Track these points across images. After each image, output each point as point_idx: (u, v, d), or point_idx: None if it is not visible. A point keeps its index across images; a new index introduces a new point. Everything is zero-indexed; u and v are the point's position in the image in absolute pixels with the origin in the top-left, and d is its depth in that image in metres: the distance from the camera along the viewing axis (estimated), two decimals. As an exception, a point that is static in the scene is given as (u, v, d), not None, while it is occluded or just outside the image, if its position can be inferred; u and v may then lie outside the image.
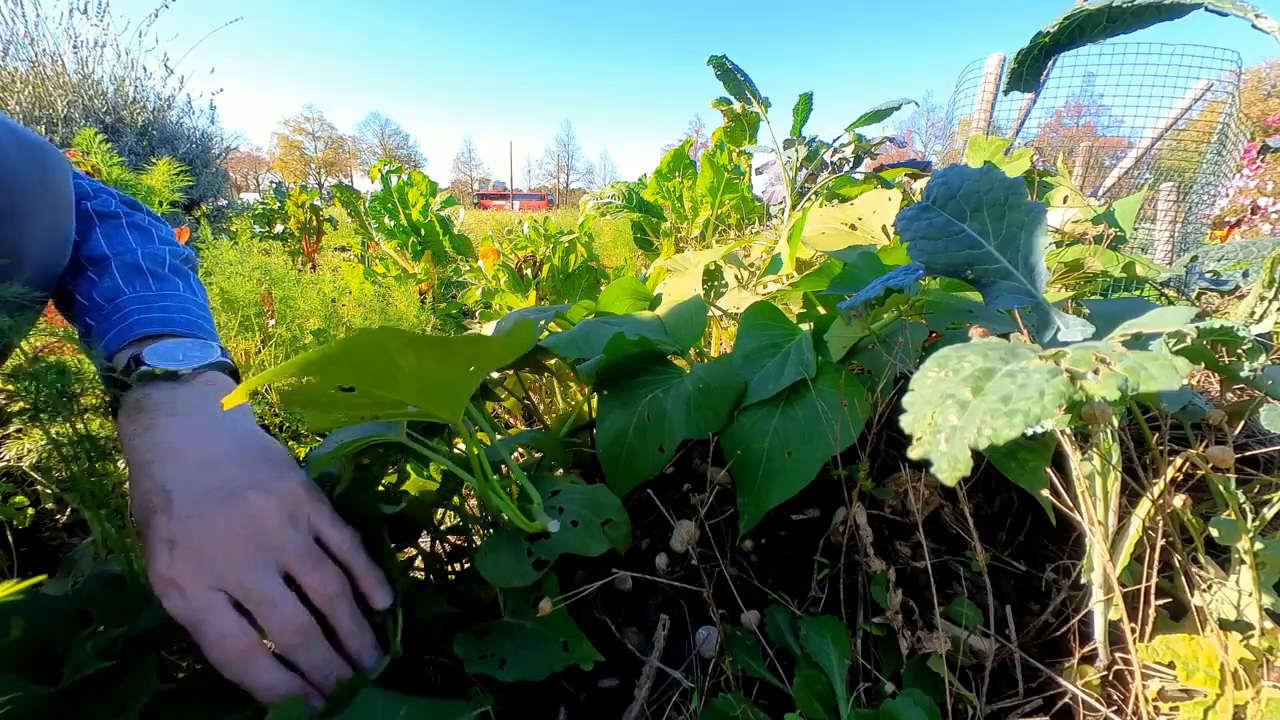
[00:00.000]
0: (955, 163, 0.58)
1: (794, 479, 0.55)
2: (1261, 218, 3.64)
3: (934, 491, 0.63)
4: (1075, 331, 0.32)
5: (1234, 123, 1.76)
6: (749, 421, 0.60)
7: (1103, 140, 2.51)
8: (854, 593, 0.58)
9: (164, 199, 1.67)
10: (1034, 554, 0.64)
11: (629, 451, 0.60)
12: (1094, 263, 0.99)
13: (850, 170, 1.70)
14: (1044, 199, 1.29)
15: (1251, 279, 1.01)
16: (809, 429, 0.56)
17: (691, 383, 0.62)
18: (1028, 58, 0.75)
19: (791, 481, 0.55)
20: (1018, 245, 0.36)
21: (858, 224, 1.02)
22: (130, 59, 4.22)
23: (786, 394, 0.60)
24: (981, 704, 0.46)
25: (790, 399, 0.59)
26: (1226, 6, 0.59)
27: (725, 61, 1.46)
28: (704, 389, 0.61)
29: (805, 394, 0.58)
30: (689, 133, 48.12)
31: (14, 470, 0.81)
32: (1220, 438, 0.57)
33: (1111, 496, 0.46)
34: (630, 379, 0.65)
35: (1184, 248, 1.73)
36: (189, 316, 0.61)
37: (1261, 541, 0.42)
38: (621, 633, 0.56)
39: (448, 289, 2.14)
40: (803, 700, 0.47)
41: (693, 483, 0.70)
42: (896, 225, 0.43)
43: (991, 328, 0.40)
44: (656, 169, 2.60)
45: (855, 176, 1.57)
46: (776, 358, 0.63)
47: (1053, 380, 0.23)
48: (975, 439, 0.22)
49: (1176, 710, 0.43)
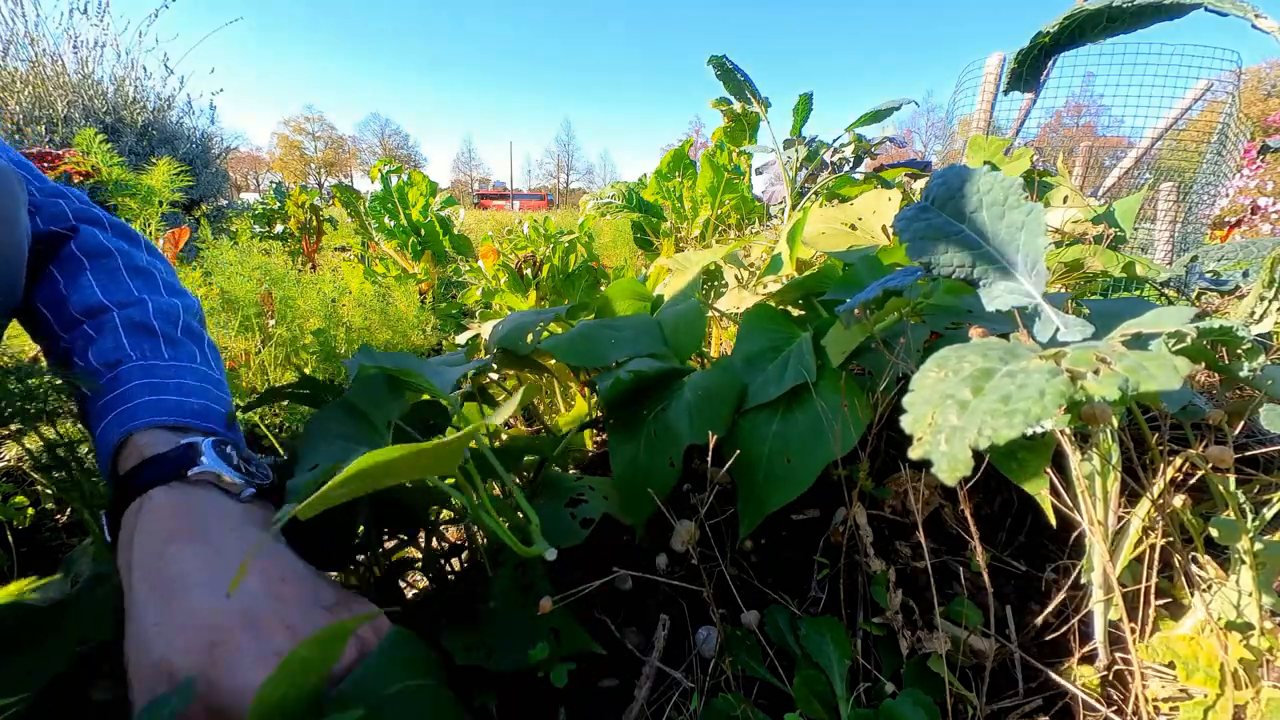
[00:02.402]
0: (954, 163, 0.58)
1: (794, 484, 0.55)
2: (1261, 218, 3.64)
3: (934, 491, 0.63)
4: (1075, 331, 0.32)
5: (1234, 123, 1.76)
6: (749, 426, 0.60)
7: (1103, 140, 2.51)
8: (854, 593, 0.58)
9: (164, 199, 1.67)
10: (1034, 554, 0.64)
11: (642, 473, 0.60)
12: (1094, 263, 0.99)
13: (850, 170, 1.70)
14: (1044, 199, 1.29)
15: (1251, 279, 1.01)
16: (809, 433, 0.56)
17: (691, 390, 0.62)
18: (1028, 58, 0.75)
19: (791, 487, 0.55)
20: (1017, 245, 0.36)
21: (858, 224, 1.02)
22: (130, 59, 4.22)
23: (787, 398, 0.60)
24: (981, 704, 0.46)
25: (791, 403, 0.59)
26: (1226, 6, 0.59)
27: (725, 61, 1.46)
28: (704, 395, 0.61)
29: (806, 398, 0.58)
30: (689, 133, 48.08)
31: (14, 470, 0.82)
32: (1220, 438, 0.57)
33: (1111, 496, 0.46)
34: (634, 401, 0.65)
35: (1184, 248, 1.73)
36: (205, 402, 0.49)
37: (1261, 542, 0.42)
38: (621, 633, 0.56)
39: (448, 289, 2.14)
40: (803, 700, 0.47)
41: (693, 483, 0.70)
42: (895, 226, 0.43)
43: (991, 328, 0.40)
44: (656, 169, 2.60)
45: (855, 176, 1.57)
46: (777, 361, 0.63)
47: (1053, 380, 0.23)
48: (975, 439, 0.22)
49: (1176, 710, 0.43)
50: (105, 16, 4.20)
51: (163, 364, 0.49)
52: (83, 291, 0.52)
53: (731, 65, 1.47)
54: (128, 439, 0.44)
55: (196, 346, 0.54)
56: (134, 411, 0.45)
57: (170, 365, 0.50)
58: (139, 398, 0.46)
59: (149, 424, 0.45)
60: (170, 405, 0.47)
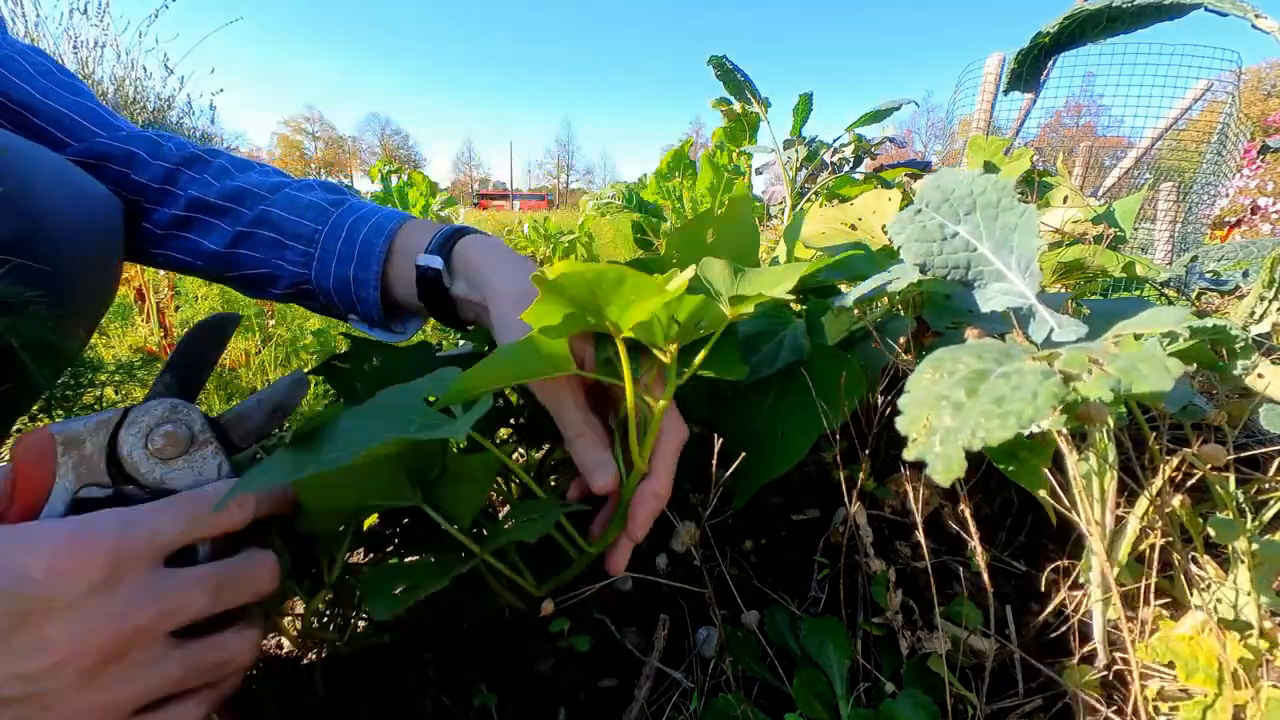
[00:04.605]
0: (949, 165, 0.58)
1: (787, 457, 0.56)
2: (1261, 218, 3.64)
3: (934, 492, 0.63)
4: (1069, 332, 0.32)
5: (1234, 123, 1.76)
6: (745, 402, 0.62)
7: (1103, 140, 2.51)
8: (854, 593, 0.58)
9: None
10: (1034, 554, 0.64)
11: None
12: (1094, 263, 0.99)
13: (850, 170, 1.70)
14: (1044, 199, 1.29)
15: (1251, 279, 1.01)
16: (803, 408, 0.57)
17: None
18: (1028, 58, 0.75)
19: (784, 459, 0.56)
20: (1011, 247, 0.36)
21: (858, 224, 1.02)
22: (130, 59, 4.22)
23: (782, 376, 0.61)
24: (981, 704, 0.47)
25: (786, 381, 0.61)
26: (1226, 6, 0.59)
27: (725, 62, 1.46)
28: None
29: (800, 376, 0.59)
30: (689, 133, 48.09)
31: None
32: (1220, 438, 0.57)
33: (1108, 496, 0.46)
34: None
35: (1184, 248, 1.73)
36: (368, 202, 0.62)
37: (1259, 542, 0.42)
38: (621, 633, 0.56)
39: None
40: (803, 700, 0.47)
41: (693, 483, 0.70)
42: (890, 229, 0.43)
43: (988, 328, 0.40)
44: (656, 169, 2.60)
45: (855, 176, 1.57)
46: (773, 343, 0.64)
47: (1046, 381, 0.23)
48: (970, 440, 0.22)
49: (1176, 710, 0.43)
50: (105, 16, 4.21)
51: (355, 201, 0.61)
52: (227, 180, 0.61)
53: (731, 65, 1.47)
54: (393, 242, 0.57)
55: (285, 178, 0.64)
56: (381, 221, 0.58)
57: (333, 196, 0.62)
58: (371, 216, 0.59)
59: (402, 223, 0.59)
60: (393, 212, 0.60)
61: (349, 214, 0.59)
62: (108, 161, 0.58)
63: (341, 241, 0.57)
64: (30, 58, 0.57)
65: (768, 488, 0.71)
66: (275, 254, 0.59)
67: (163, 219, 0.59)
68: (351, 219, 0.58)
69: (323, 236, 0.58)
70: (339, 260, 0.57)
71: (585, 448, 0.44)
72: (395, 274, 0.58)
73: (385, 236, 0.57)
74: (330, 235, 0.58)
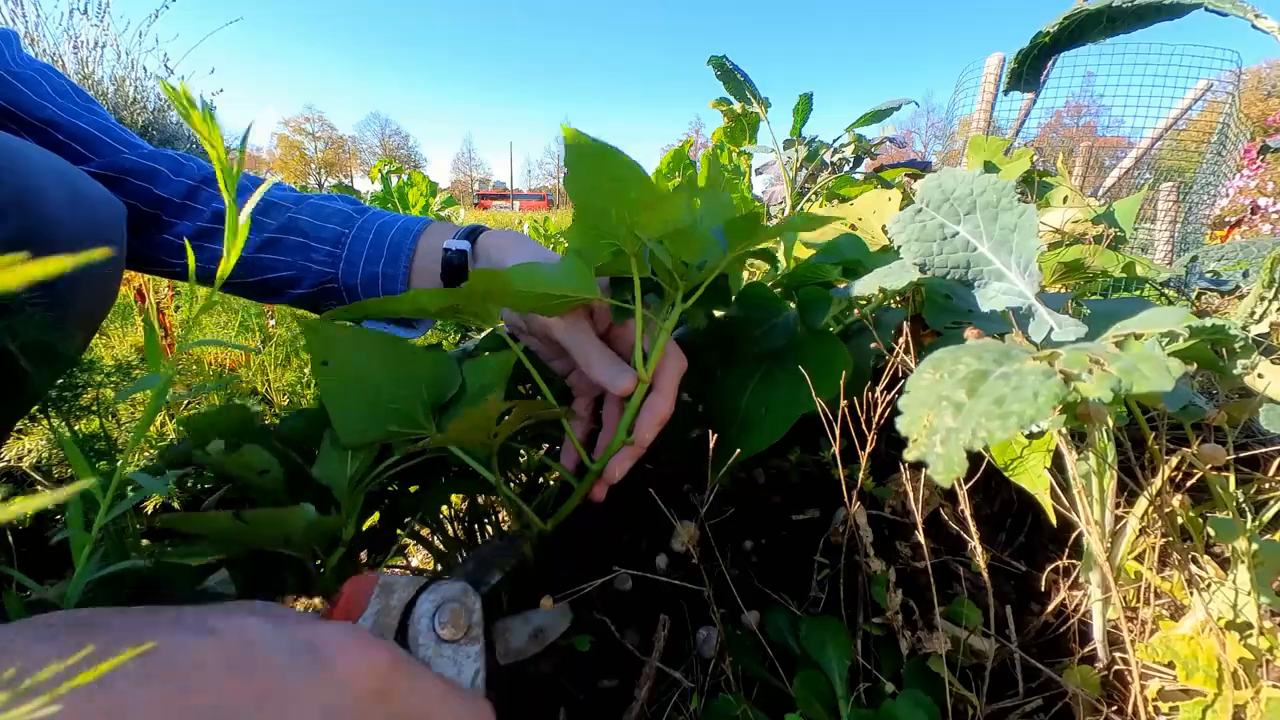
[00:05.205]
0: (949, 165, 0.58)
1: (768, 433, 0.57)
2: (1261, 218, 3.64)
3: (934, 492, 0.63)
4: (1069, 332, 0.32)
5: (1234, 123, 1.76)
6: (731, 382, 0.63)
7: (1103, 140, 2.51)
8: (854, 593, 0.58)
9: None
10: (1034, 554, 0.64)
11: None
12: (1094, 263, 0.99)
13: (850, 170, 1.70)
14: (1044, 199, 1.29)
15: (1251, 279, 1.01)
16: (787, 387, 0.58)
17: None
18: (1028, 58, 0.75)
19: (765, 435, 0.57)
20: (1011, 247, 0.36)
21: (858, 224, 1.02)
22: (130, 59, 4.22)
23: (769, 359, 0.62)
24: (981, 704, 0.47)
25: (773, 363, 0.62)
26: (1226, 6, 0.59)
27: (725, 62, 1.46)
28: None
29: (787, 358, 0.60)
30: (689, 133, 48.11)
31: (14, 470, 0.82)
32: (1220, 438, 0.57)
33: (1108, 496, 0.46)
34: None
35: (1184, 248, 1.73)
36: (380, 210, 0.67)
37: (1258, 541, 0.42)
38: (621, 633, 0.56)
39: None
40: (803, 700, 0.47)
41: (693, 483, 0.70)
42: (890, 229, 0.43)
43: (988, 328, 0.40)
44: (656, 169, 2.60)
45: (855, 176, 1.57)
46: (765, 327, 0.65)
47: (1046, 382, 0.23)
48: (970, 441, 0.22)
49: (1176, 710, 0.43)
50: (105, 17, 4.20)
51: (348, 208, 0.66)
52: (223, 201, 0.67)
53: (731, 65, 1.47)
54: (419, 241, 0.63)
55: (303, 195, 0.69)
56: (409, 224, 0.64)
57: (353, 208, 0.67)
58: (398, 220, 0.64)
59: (427, 225, 0.64)
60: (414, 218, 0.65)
61: (375, 218, 0.65)
62: (130, 176, 0.61)
63: (369, 243, 0.63)
64: (50, 78, 0.60)
65: (768, 488, 0.71)
66: (301, 256, 0.64)
67: (185, 231, 0.63)
68: (379, 222, 0.64)
69: (349, 239, 0.64)
70: (367, 260, 0.63)
71: (604, 362, 0.48)
72: (419, 270, 0.63)
73: (413, 236, 0.63)
74: (357, 238, 0.64)
